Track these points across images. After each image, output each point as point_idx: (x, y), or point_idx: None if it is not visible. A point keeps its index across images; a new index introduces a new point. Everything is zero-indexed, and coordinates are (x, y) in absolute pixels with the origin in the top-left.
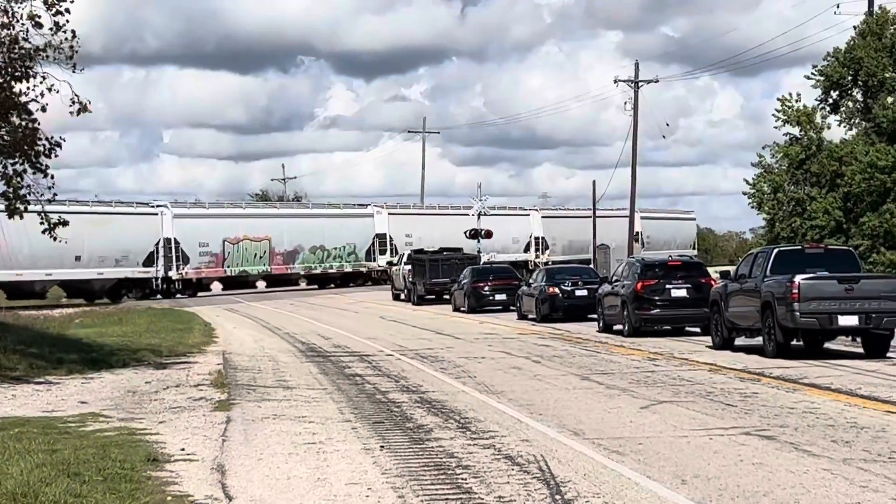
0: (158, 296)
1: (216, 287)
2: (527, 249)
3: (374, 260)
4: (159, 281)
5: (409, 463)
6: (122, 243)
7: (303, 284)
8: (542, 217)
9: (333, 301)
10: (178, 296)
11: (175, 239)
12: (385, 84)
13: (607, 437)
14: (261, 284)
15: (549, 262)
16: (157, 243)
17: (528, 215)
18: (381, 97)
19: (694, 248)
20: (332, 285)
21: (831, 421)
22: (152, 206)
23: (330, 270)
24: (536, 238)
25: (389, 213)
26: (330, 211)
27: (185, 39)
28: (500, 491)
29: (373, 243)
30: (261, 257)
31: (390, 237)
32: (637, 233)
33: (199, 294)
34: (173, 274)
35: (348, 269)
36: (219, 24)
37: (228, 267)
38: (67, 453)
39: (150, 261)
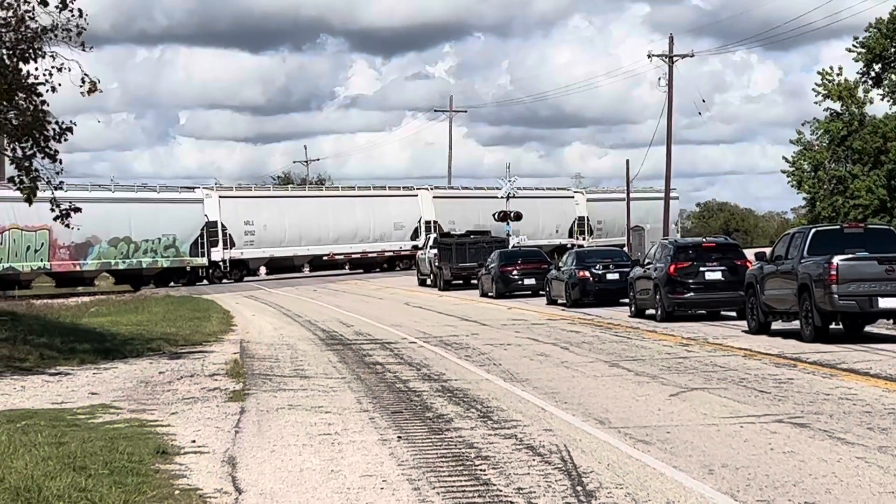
0: None
1: None
2: (415, 236)
3: (205, 254)
4: None
5: (427, 454)
6: None
7: (101, 284)
8: (434, 198)
9: (356, 287)
10: None
11: None
12: (406, 61)
13: (634, 425)
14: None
15: None
16: None
17: (416, 196)
18: (402, 75)
19: (676, 233)
20: (152, 284)
21: (868, 407)
22: None
23: (140, 266)
24: (427, 222)
25: (221, 197)
26: (140, 195)
27: (197, 17)
28: (520, 482)
29: (201, 234)
30: (37, 251)
31: (223, 226)
32: (581, 217)
33: None
34: None
35: (166, 264)
36: (232, 1)
37: None
38: (74, 446)
39: None
